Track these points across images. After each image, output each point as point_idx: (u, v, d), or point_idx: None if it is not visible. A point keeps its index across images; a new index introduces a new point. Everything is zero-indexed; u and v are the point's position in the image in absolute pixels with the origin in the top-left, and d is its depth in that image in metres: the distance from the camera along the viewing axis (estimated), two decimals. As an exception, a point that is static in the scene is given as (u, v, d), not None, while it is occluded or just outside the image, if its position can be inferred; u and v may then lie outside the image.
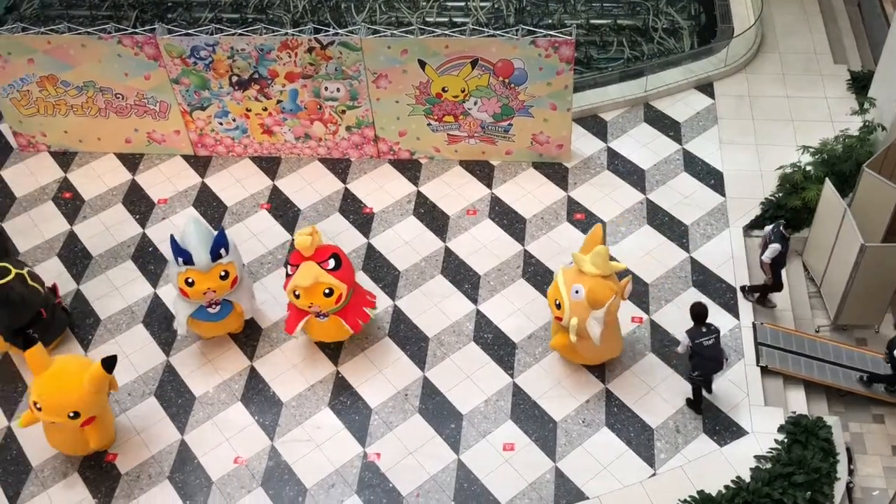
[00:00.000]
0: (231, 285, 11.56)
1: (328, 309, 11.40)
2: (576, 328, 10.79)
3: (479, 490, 10.82)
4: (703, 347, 10.70)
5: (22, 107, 14.73)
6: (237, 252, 11.77)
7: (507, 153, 14.56)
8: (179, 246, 11.26)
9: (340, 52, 13.38)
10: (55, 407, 10.39)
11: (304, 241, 11.10)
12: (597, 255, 10.68)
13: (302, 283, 11.04)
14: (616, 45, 17.06)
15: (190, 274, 11.29)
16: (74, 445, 11.09)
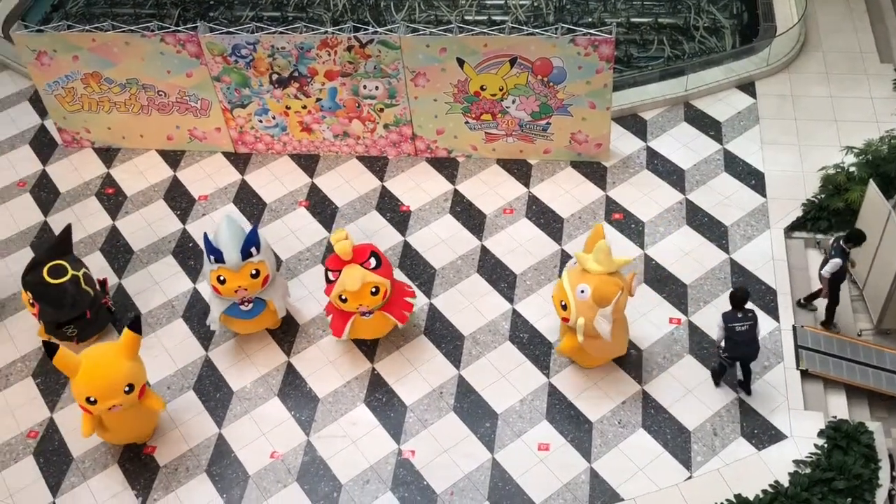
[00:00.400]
0: (262, 284, 11.64)
1: (375, 306, 11.44)
2: (583, 328, 10.68)
3: (513, 490, 10.80)
4: (735, 332, 10.61)
5: (67, 103, 14.98)
6: (269, 251, 11.85)
7: (545, 152, 14.51)
8: (212, 244, 11.38)
9: (379, 51, 13.43)
10: (109, 390, 10.42)
11: (346, 247, 11.10)
12: (599, 252, 10.51)
13: (352, 288, 11.05)
14: (656, 43, 16.92)
15: (221, 272, 11.40)
16: (137, 426, 11.24)
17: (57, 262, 11.86)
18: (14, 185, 15.15)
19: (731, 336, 10.66)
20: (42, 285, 11.70)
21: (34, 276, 11.79)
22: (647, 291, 12.59)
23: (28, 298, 11.92)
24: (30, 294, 11.84)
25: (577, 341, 10.87)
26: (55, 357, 10.33)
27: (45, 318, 12.06)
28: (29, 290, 11.84)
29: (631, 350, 11.92)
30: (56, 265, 11.80)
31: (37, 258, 12.03)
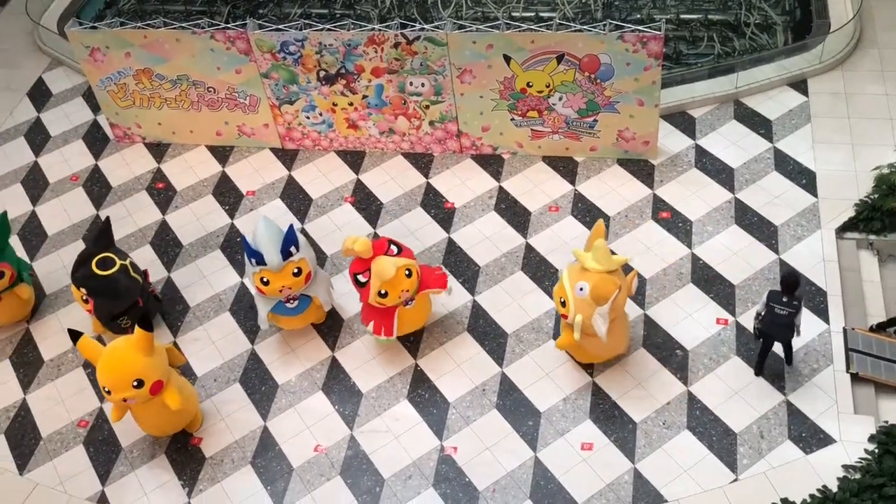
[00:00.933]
0: (305, 281, 11.71)
1: (414, 288, 11.45)
2: (580, 325, 10.64)
3: (555, 488, 10.77)
4: (773, 313, 10.68)
5: (119, 99, 15.25)
6: (308, 248, 11.90)
7: (591, 149, 14.41)
8: (251, 247, 11.44)
9: (426, 48, 13.45)
10: (118, 383, 10.54)
11: (365, 244, 11.14)
12: (597, 251, 10.52)
13: (388, 276, 11.04)
14: (706, 40, 16.70)
15: (264, 273, 11.47)
16: (160, 422, 11.34)
17: (103, 254, 12.03)
18: (67, 179, 15.47)
19: (769, 314, 10.76)
20: (94, 278, 11.87)
21: (85, 271, 11.90)
22: (694, 291, 12.45)
23: (81, 295, 12.06)
24: (83, 290, 11.97)
25: (575, 338, 10.86)
26: (78, 343, 10.60)
27: (101, 311, 12.20)
28: (82, 286, 11.95)
29: (676, 350, 11.80)
30: (104, 258, 11.94)
31: (83, 254, 12.13)
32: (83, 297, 12.03)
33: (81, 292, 12.01)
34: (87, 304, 12.08)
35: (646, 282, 12.65)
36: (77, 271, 12.02)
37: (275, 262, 11.36)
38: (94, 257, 11.90)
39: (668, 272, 12.73)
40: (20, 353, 12.97)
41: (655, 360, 11.78)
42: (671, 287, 12.55)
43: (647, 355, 11.84)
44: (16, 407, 12.36)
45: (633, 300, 12.39)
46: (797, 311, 10.62)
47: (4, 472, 11.67)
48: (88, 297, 11.98)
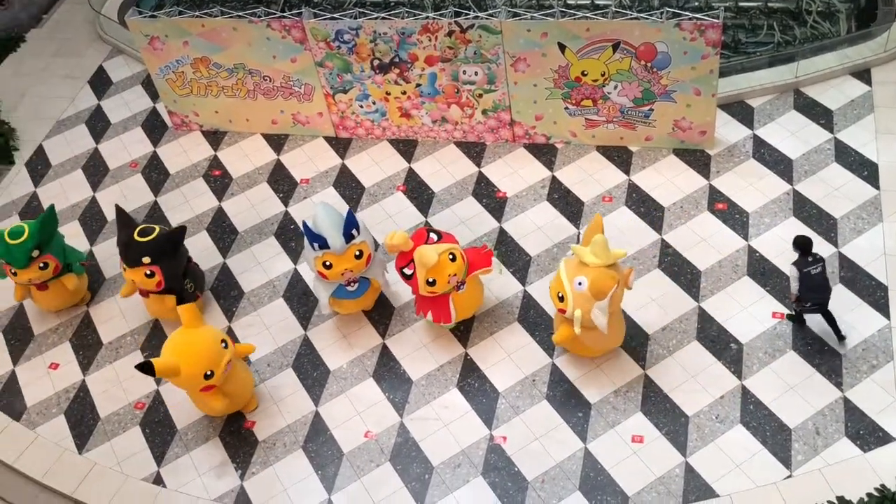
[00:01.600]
0: (366, 263, 11.82)
1: (461, 272, 11.47)
2: (580, 320, 10.58)
3: (605, 480, 10.71)
4: (811, 277, 10.79)
5: (177, 87, 15.49)
6: (367, 230, 12.01)
7: (646, 139, 14.24)
8: (313, 232, 11.57)
9: (480, 36, 13.40)
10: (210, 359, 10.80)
11: (402, 237, 11.20)
12: (596, 245, 10.44)
13: (431, 262, 11.09)
14: (766, 28, 16.35)
15: (327, 257, 11.59)
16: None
17: (138, 227, 12.22)
18: (127, 165, 15.78)
19: (806, 282, 10.82)
20: (147, 245, 12.02)
21: (135, 247, 12.01)
22: (750, 284, 12.25)
23: (143, 273, 12.11)
24: (146, 261, 12.02)
25: (572, 332, 10.81)
26: (184, 305, 10.84)
27: (171, 275, 12.29)
28: (143, 258, 12.00)
29: (731, 344, 11.64)
30: (141, 229, 12.17)
31: (122, 241, 12.24)
32: (147, 273, 12.14)
33: (142, 272, 12.11)
34: (153, 280, 12.17)
35: (700, 274, 12.48)
36: (128, 255, 12.18)
37: (338, 244, 11.47)
38: (132, 236, 12.09)
39: (724, 264, 12.54)
40: (80, 336, 13.29)
41: (709, 353, 11.62)
42: (726, 280, 12.37)
43: (701, 348, 11.69)
44: (75, 388, 12.68)
45: (687, 292, 12.25)
46: (824, 261, 10.94)
47: (64, 451, 12.00)
48: (153, 264, 12.08)
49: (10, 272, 12.67)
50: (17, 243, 12.35)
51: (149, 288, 12.37)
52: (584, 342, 11.25)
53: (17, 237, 12.38)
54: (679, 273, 12.53)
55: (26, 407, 12.56)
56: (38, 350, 13.22)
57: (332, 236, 11.46)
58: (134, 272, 12.19)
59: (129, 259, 12.17)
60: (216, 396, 11.06)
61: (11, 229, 12.48)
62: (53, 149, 16.38)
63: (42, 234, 12.54)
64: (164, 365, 10.60)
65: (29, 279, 12.63)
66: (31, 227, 12.50)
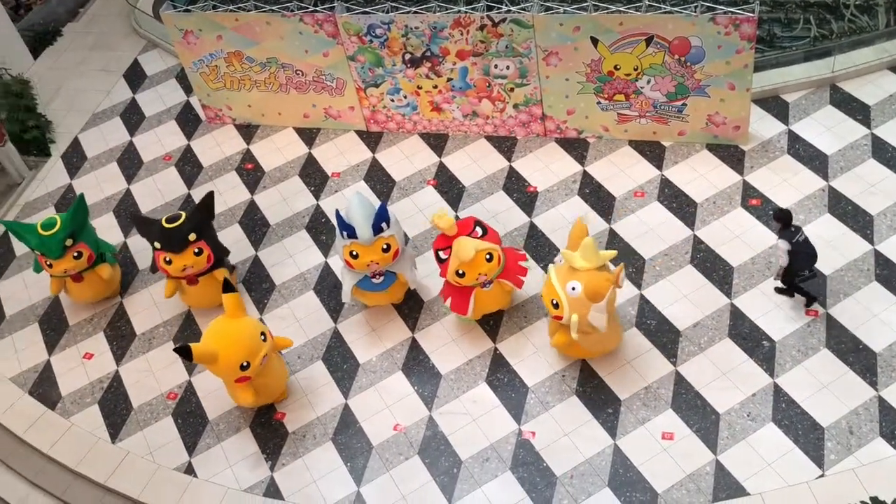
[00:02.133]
0: (393, 257, 11.85)
1: (493, 273, 11.48)
2: (577, 325, 10.52)
3: (634, 477, 10.66)
4: (801, 244, 11.10)
5: (210, 81, 15.61)
6: (398, 225, 12.04)
7: (679, 134, 14.12)
8: (344, 220, 11.64)
9: (512, 30, 13.36)
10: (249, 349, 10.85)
11: (449, 221, 11.28)
12: (586, 249, 10.40)
13: (466, 258, 11.15)
14: (802, 22, 16.13)
15: (354, 247, 11.66)
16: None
17: (160, 221, 12.37)
18: (160, 158, 15.94)
19: (798, 250, 11.13)
20: (190, 218, 12.22)
21: (173, 234, 12.13)
22: (783, 281, 12.12)
23: (192, 253, 12.22)
24: (192, 238, 12.18)
25: (570, 337, 10.76)
26: (228, 294, 10.87)
27: (214, 244, 12.55)
28: (189, 236, 12.15)
29: (763, 341, 11.52)
30: (167, 218, 12.32)
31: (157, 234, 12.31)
32: (196, 252, 12.26)
33: (191, 252, 12.22)
34: (203, 256, 12.31)
35: (733, 270, 12.37)
36: (172, 242, 12.23)
37: (366, 236, 11.53)
38: (164, 227, 12.20)
39: (757, 261, 12.41)
40: (114, 327, 13.47)
41: (741, 350, 11.52)
42: (759, 276, 12.24)
43: (733, 345, 11.59)
44: (109, 378, 12.85)
45: (720, 288, 12.14)
46: (801, 227, 11.28)
47: (98, 440, 12.17)
48: (199, 240, 12.24)
49: (46, 264, 12.85)
50: (50, 234, 12.54)
51: (200, 268, 12.45)
52: (582, 346, 11.20)
53: (50, 228, 12.56)
54: (711, 269, 12.42)
55: (61, 396, 12.75)
56: (72, 340, 13.42)
57: (361, 227, 11.52)
58: (184, 256, 12.25)
59: (175, 244, 12.21)
60: (247, 390, 11.14)
61: (44, 221, 12.67)
62: (89, 141, 16.60)
63: (74, 224, 12.72)
64: (202, 351, 10.66)
65: (64, 269, 12.80)
66: (62, 217, 12.70)
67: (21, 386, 12.98)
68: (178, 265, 12.29)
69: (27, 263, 14.46)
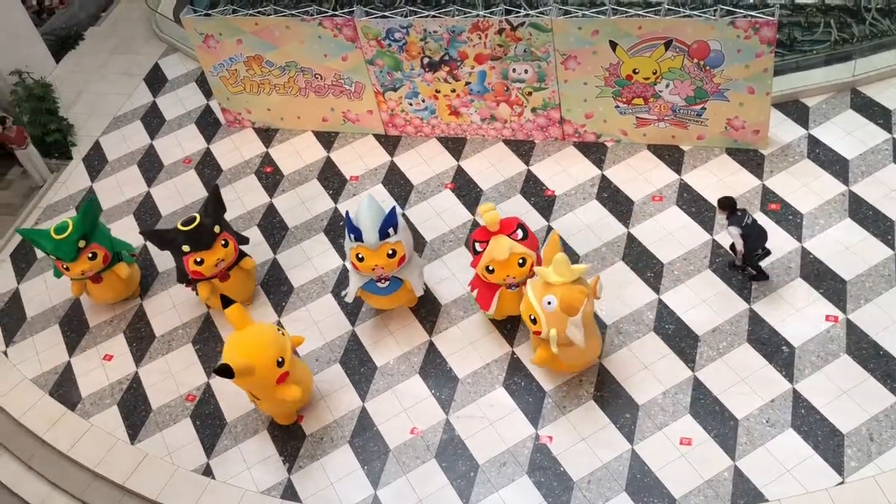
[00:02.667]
0: (398, 263, 11.84)
1: (521, 278, 11.49)
2: (556, 339, 10.49)
3: (651, 482, 10.61)
4: (750, 227, 11.59)
5: (230, 85, 15.70)
6: (407, 231, 12.02)
7: (698, 138, 14.07)
8: (353, 222, 11.68)
9: (530, 34, 13.36)
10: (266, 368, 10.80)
11: (494, 217, 11.32)
12: (558, 264, 10.39)
13: (499, 257, 11.22)
14: (823, 26, 16.03)
15: (360, 250, 11.69)
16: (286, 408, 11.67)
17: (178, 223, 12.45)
18: (180, 161, 16.04)
19: (749, 233, 11.59)
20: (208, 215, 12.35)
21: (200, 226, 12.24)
22: (803, 286, 12.03)
23: (220, 246, 12.31)
24: (217, 227, 12.35)
25: (551, 352, 10.73)
26: (228, 309, 10.81)
27: (234, 233, 12.76)
28: (215, 224, 12.33)
29: (783, 347, 11.45)
30: (183, 221, 12.39)
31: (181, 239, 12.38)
32: (223, 244, 12.38)
33: (219, 245, 12.33)
34: (230, 248, 12.43)
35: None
36: (201, 240, 12.29)
37: (371, 240, 11.56)
38: (181, 230, 12.27)
39: (776, 266, 12.34)
40: (133, 328, 13.56)
41: (760, 355, 11.45)
42: (779, 281, 12.17)
43: (752, 351, 11.52)
44: (128, 379, 12.95)
45: (739, 293, 12.08)
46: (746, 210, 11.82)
47: (117, 441, 12.25)
48: (223, 231, 12.39)
49: (63, 268, 12.96)
50: (62, 238, 12.66)
51: (229, 259, 12.55)
52: (565, 360, 11.19)
53: (62, 232, 12.69)
54: (730, 274, 12.36)
55: (81, 397, 12.85)
56: (93, 342, 13.52)
57: (367, 230, 11.55)
58: (215, 251, 12.34)
59: (204, 241, 12.29)
60: (291, 384, 11.10)
61: (56, 226, 12.79)
62: (110, 144, 16.74)
63: (85, 225, 12.83)
64: (240, 364, 10.52)
65: (81, 271, 12.91)
66: (73, 220, 12.82)
67: (42, 387, 13.10)
68: (211, 261, 12.35)
69: (48, 265, 14.59)
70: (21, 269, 14.87)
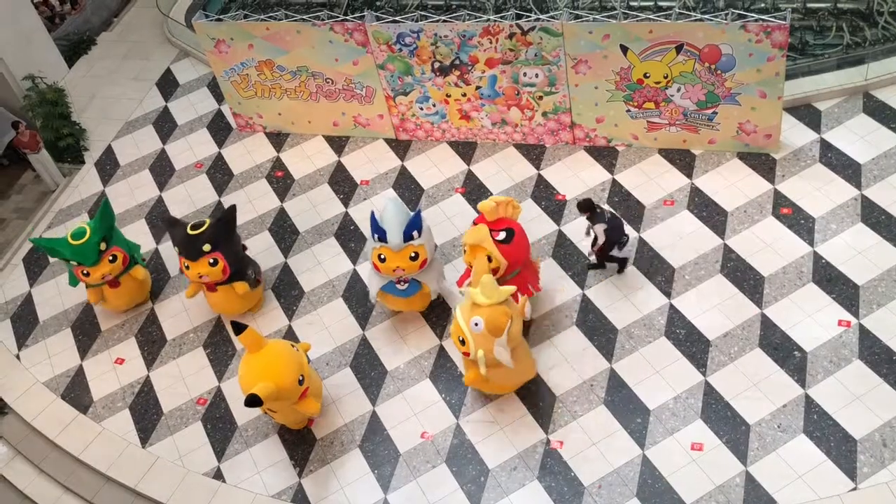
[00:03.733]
0: (420, 266, 11.88)
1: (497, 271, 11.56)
2: (483, 360, 10.49)
3: (662, 487, 10.57)
4: (611, 220, 12.07)
5: (241, 89, 15.75)
6: (430, 235, 12.07)
7: (710, 142, 14.03)
8: (378, 223, 11.72)
9: (541, 38, 13.36)
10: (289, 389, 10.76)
11: (488, 204, 11.52)
12: (484, 286, 10.44)
13: (467, 239, 11.49)
14: (835, 30, 15.97)
15: (383, 251, 11.75)
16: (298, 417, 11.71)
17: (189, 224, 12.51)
18: (192, 166, 16.10)
19: (612, 225, 12.05)
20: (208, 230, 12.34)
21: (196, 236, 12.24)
22: (815, 291, 11.98)
23: (207, 263, 12.25)
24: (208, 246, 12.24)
25: (481, 373, 10.70)
26: (242, 334, 10.60)
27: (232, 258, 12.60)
28: (206, 243, 12.23)
29: (795, 352, 11.40)
30: (194, 224, 12.46)
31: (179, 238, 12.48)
32: (210, 262, 12.31)
33: (205, 262, 12.29)
34: (218, 267, 12.38)
35: (764, 280, 12.25)
36: (188, 249, 12.32)
37: (395, 241, 11.61)
38: (186, 232, 12.32)
39: (788, 270, 12.29)
40: (145, 332, 13.61)
41: (772, 360, 11.40)
42: (790, 286, 12.11)
43: (764, 356, 11.47)
44: (140, 383, 12.99)
45: (750, 298, 12.03)
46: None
47: (129, 444, 12.29)
48: (214, 251, 12.27)
49: (83, 273, 12.96)
50: (83, 242, 12.68)
51: (216, 278, 12.54)
52: (496, 380, 11.18)
53: (81, 237, 12.71)
54: (742, 279, 12.31)
55: (93, 401, 12.90)
56: (104, 345, 13.57)
57: (392, 232, 11.60)
58: (198, 265, 12.37)
59: (191, 252, 12.37)
60: (310, 398, 11.17)
61: (73, 232, 12.81)
62: (122, 149, 16.81)
63: (103, 228, 12.88)
64: (267, 392, 10.42)
65: (102, 275, 12.93)
66: (91, 224, 12.85)
67: (54, 390, 13.15)
68: (194, 272, 12.46)
69: (60, 269, 14.66)
70: (34, 273, 14.95)
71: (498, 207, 11.57)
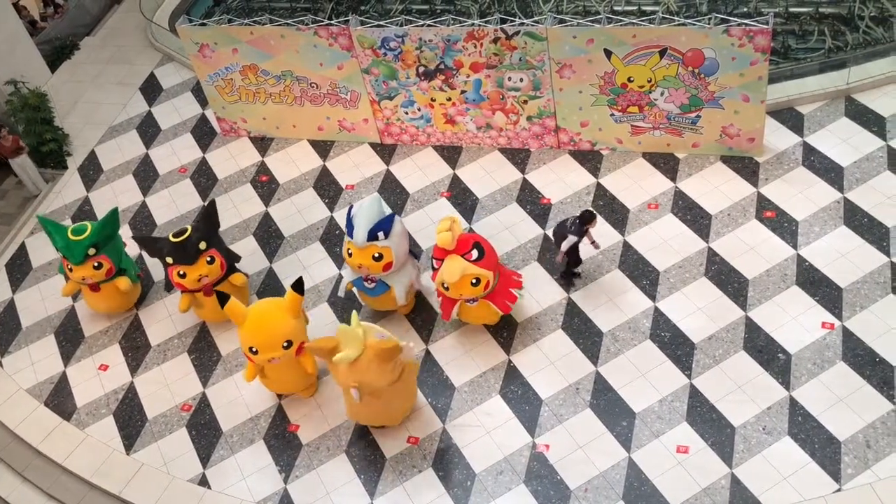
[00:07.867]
0: (384, 269, 11.90)
1: (477, 296, 11.59)
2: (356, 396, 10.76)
3: (649, 490, 10.60)
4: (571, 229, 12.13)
5: (225, 94, 15.71)
6: (401, 239, 12.02)
7: (693, 146, 14.10)
8: (349, 217, 11.87)
9: (525, 42, 13.39)
10: (269, 343, 11.17)
11: (446, 238, 11.34)
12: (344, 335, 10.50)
13: (449, 280, 11.33)
14: (817, 34, 16.10)
15: (349, 245, 11.93)
16: (297, 382, 11.91)
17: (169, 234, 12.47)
18: (176, 170, 16.03)
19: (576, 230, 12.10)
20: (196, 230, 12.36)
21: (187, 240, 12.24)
22: (799, 294, 12.05)
23: (205, 262, 12.32)
24: (204, 243, 12.32)
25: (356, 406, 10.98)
26: (226, 306, 11.13)
27: (225, 252, 12.76)
28: (202, 240, 12.28)
29: (779, 354, 11.46)
30: (174, 233, 12.42)
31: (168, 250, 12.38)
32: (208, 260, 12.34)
33: (203, 261, 12.31)
34: (216, 264, 12.41)
35: (748, 283, 12.31)
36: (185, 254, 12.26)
37: (359, 238, 11.71)
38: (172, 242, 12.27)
39: (772, 273, 12.36)
40: (129, 338, 13.53)
41: (756, 363, 11.46)
42: (774, 289, 12.18)
43: (748, 358, 11.53)
44: (124, 389, 12.91)
45: (734, 301, 12.09)
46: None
47: (113, 451, 12.21)
48: (209, 248, 12.35)
49: (67, 268, 12.99)
50: (77, 240, 12.72)
51: (215, 276, 12.52)
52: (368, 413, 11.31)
53: (79, 234, 12.77)
54: (726, 282, 12.37)
55: (76, 407, 12.81)
56: (88, 352, 13.49)
57: (358, 227, 11.70)
58: (197, 267, 12.33)
59: (188, 256, 12.28)
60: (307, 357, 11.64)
61: (76, 226, 12.89)
62: (105, 154, 16.73)
63: (101, 235, 12.84)
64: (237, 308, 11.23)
65: (83, 277, 12.91)
66: (93, 226, 12.85)
67: (37, 397, 13.05)
68: (193, 276, 12.34)
69: (44, 275, 14.58)
70: (16, 279, 14.84)
71: (453, 233, 11.38)
